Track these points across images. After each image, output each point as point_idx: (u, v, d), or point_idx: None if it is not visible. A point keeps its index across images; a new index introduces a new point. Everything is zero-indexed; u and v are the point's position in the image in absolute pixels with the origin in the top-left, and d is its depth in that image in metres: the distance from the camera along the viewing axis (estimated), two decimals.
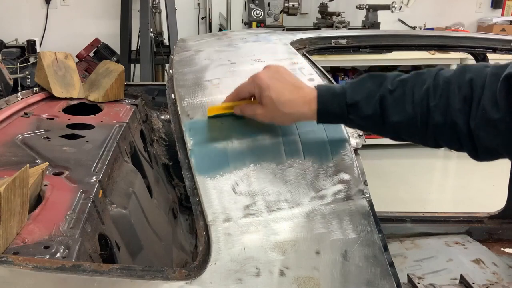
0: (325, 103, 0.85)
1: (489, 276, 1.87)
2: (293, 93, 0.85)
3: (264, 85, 0.85)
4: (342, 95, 0.84)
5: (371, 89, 0.84)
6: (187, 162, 0.89)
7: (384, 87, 0.83)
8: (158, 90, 1.93)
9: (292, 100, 0.84)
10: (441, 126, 0.79)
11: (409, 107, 0.81)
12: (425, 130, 0.81)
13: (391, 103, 0.82)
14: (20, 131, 1.32)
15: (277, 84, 0.85)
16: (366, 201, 0.84)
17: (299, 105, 0.85)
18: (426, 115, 0.80)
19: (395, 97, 0.82)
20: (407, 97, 0.81)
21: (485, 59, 2.01)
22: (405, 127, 0.83)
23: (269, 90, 0.84)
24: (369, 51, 1.66)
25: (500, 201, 2.24)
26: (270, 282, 0.73)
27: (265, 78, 0.85)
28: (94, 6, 4.59)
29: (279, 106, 0.84)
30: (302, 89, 0.86)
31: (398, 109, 0.81)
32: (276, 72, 0.87)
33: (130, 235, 1.16)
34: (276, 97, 0.84)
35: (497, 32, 4.66)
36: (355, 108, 0.84)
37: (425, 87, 0.81)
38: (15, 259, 0.73)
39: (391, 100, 0.82)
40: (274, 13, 4.31)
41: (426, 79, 0.82)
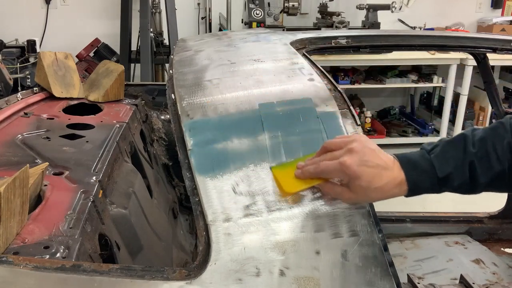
0: (416, 182, 0.84)
1: (489, 276, 1.87)
2: (383, 179, 0.81)
3: (354, 174, 0.80)
4: (431, 171, 0.84)
5: (458, 157, 0.84)
6: (187, 162, 0.89)
7: (469, 152, 0.84)
8: (158, 90, 1.93)
9: (383, 186, 0.81)
10: None
11: (495, 164, 0.83)
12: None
13: (479, 166, 0.84)
14: (20, 131, 1.32)
15: (367, 171, 0.80)
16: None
17: (390, 189, 0.82)
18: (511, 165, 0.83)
19: (480, 158, 0.84)
20: (491, 155, 0.83)
21: (485, 59, 2.01)
22: (495, 183, 0.85)
23: (360, 180, 0.80)
24: (369, 51, 1.66)
25: (500, 201, 2.24)
26: (270, 282, 0.73)
27: (353, 166, 0.80)
28: (94, 6, 4.59)
29: (370, 194, 0.81)
30: (391, 171, 0.83)
31: (485, 169, 0.83)
32: (363, 156, 0.81)
33: (130, 235, 1.16)
34: (367, 186, 0.80)
35: (497, 32, 4.65)
36: (447, 180, 0.84)
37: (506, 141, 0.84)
38: (15, 259, 0.73)
39: (478, 163, 0.84)
40: (274, 13, 4.31)
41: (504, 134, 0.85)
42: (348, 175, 0.80)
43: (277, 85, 1.08)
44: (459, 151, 0.85)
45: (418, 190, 0.85)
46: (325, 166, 0.82)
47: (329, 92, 1.05)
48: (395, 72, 4.61)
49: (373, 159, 0.82)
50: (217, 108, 0.99)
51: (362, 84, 4.46)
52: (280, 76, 1.12)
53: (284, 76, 1.12)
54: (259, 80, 1.10)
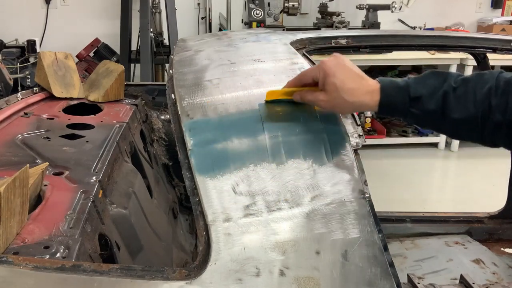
0: (388, 95, 0.87)
1: (489, 276, 1.87)
2: (357, 82, 0.87)
3: (329, 71, 0.86)
4: (405, 89, 0.86)
5: (435, 85, 0.86)
6: (187, 162, 0.89)
7: (448, 84, 0.85)
8: (158, 90, 1.93)
9: (356, 88, 0.86)
10: (499, 124, 0.82)
11: (471, 105, 0.83)
12: (483, 128, 0.83)
13: (454, 100, 0.84)
14: (20, 131, 1.32)
15: (342, 71, 0.86)
16: (366, 201, 0.84)
17: (362, 94, 0.86)
18: (486, 114, 0.82)
19: (457, 94, 0.84)
20: (469, 95, 0.83)
21: (485, 59, 2.01)
22: (465, 125, 0.84)
23: (334, 77, 0.86)
24: (369, 51, 1.66)
25: (500, 201, 2.24)
26: (270, 282, 0.73)
27: (331, 64, 0.87)
28: (94, 6, 4.59)
29: (342, 93, 0.86)
30: (366, 80, 0.88)
31: (460, 106, 0.83)
32: (342, 60, 0.89)
33: (130, 235, 1.16)
34: (340, 84, 0.85)
35: (497, 32, 4.65)
36: (418, 102, 0.85)
37: (488, 86, 0.83)
38: (15, 259, 0.73)
39: (453, 97, 0.84)
40: (274, 13, 4.31)
41: (488, 80, 0.84)
42: (324, 71, 0.87)
43: (277, 85, 1.08)
44: (438, 81, 0.86)
45: (389, 106, 0.87)
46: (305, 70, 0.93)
47: None
48: (395, 72, 4.61)
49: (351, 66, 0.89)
50: (217, 108, 0.99)
51: None
52: (280, 76, 1.12)
53: (284, 76, 1.12)
54: (259, 80, 1.10)
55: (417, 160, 4.39)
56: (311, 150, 0.90)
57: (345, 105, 0.87)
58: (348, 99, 0.86)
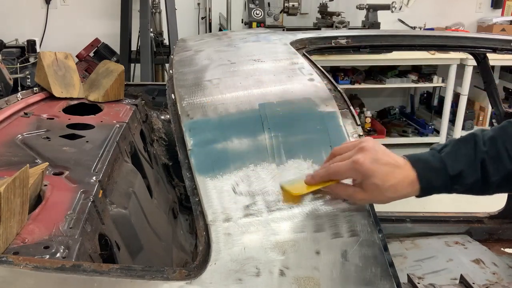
0: (428, 181, 0.83)
1: (489, 276, 1.87)
2: (396, 176, 0.81)
3: (367, 172, 0.79)
4: (443, 169, 0.83)
5: (468, 155, 0.84)
6: (187, 162, 0.89)
7: (480, 150, 0.84)
8: (158, 90, 1.93)
9: (397, 184, 0.81)
10: None
11: (507, 163, 0.83)
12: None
13: (491, 165, 0.83)
14: (20, 131, 1.32)
15: (380, 169, 0.80)
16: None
17: (403, 188, 0.82)
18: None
19: (492, 157, 0.84)
20: (502, 154, 0.83)
21: (485, 59, 2.01)
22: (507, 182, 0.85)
23: (374, 178, 0.79)
24: (369, 51, 1.66)
25: (500, 201, 2.24)
26: (270, 282, 0.73)
27: (367, 163, 0.79)
28: (94, 6, 4.59)
29: (384, 192, 0.81)
30: (403, 169, 0.83)
31: (497, 168, 0.83)
32: (375, 154, 0.81)
33: (130, 235, 1.16)
34: (382, 183, 0.80)
35: (497, 32, 4.66)
36: (459, 178, 0.84)
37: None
38: (15, 259, 0.73)
39: (489, 162, 0.83)
40: (274, 13, 4.31)
41: None
42: (362, 173, 0.80)
43: (277, 85, 1.08)
44: (470, 149, 0.85)
45: (430, 189, 0.84)
46: (337, 166, 0.81)
47: (329, 92, 1.05)
48: (395, 72, 4.61)
49: (385, 157, 0.81)
50: (217, 108, 0.99)
51: (362, 84, 4.46)
52: (280, 76, 1.12)
53: (284, 76, 1.12)
54: (259, 80, 1.10)
55: None
56: (311, 150, 0.90)
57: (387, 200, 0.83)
58: (390, 196, 0.82)
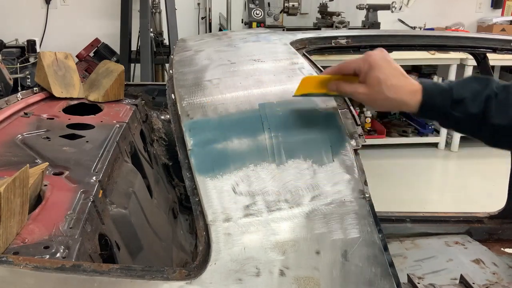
0: (431, 96, 0.85)
1: (489, 276, 1.87)
2: (400, 80, 0.84)
3: (375, 64, 0.83)
4: (448, 91, 0.85)
5: (477, 89, 0.85)
6: (187, 162, 0.89)
7: (490, 89, 0.84)
8: (158, 90, 1.93)
9: (399, 86, 0.84)
10: None
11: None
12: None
13: (496, 105, 0.83)
14: (20, 131, 1.32)
15: (388, 66, 0.84)
16: (366, 201, 0.84)
17: (405, 93, 0.84)
18: None
19: (499, 100, 0.83)
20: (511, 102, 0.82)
21: (485, 59, 2.01)
22: (505, 131, 0.83)
23: (379, 71, 0.83)
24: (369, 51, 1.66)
25: (500, 201, 2.24)
26: (270, 282, 0.73)
27: (377, 58, 0.84)
28: (94, 6, 4.59)
29: (384, 89, 0.83)
30: (409, 79, 0.86)
31: (502, 112, 0.82)
32: (388, 56, 0.86)
33: (130, 235, 1.16)
34: (384, 79, 0.83)
35: (497, 32, 4.65)
36: (460, 105, 0.84)
37: None
38: (15, 259, 0.73)
39: (495, 102, 0.83)
40: (274, 13, 4.31)
41: None
42: (369, 63, 0.84)
43: (277, 85, 1.08)
44: (481, 85, 0.85)
45: (430, 108, 0.85)
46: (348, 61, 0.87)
47: None
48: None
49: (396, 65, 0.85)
50: (217, 108, 0.99)
51: None
52: (280, 76, 1.12)
53: (284, 76, 1.12)
54: (259, 80, 1.10)
55: (417, 160, 4.39)
56: (311, 150, 0.90)
57: (385, 101, 0.85)
58: (390, 96, 0.84)
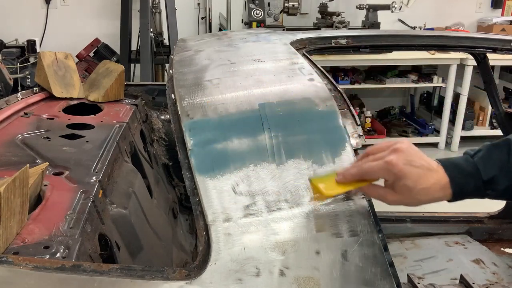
0: (461, 185, 0.83)
1: (489, 276, 1.87)
2: (429, 180, 0.81)
3: (400, 173, 0.79)
4: (476, 174, 0.83)
5: (502, 160, 0.83)
6: (187, 162, 0.89)
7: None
8: (158, 90, 1.93)
9: (429, 188, 0.81)
10: None
11: None
12: None
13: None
14: (20, 131, 1.32)
15: (413, 171, 0.80)
16: (366, 201, 0.84)
17: (435, 191, 0.82)
18: None
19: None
20: None
21: (485, 59, 2.01)
22: None
23: (406, 179, 0.79)
24: (369, 51, 1.66)
25: (500, 201, 2.24)
26: (270, 282, 0.73)
27: (400, 164, 0.80)
28: (94, 6, 4.59)
29: (415, 195, 0.81)
30: (436, 172, 0.82)
31: None
32: (409, 155, 0.81)
33: (130, 235, 1.16)
34: (414, 186, 0.80)
35: (497, 32, 4.65)
36: (492, 184, 0.83)
37: None
38: (15, 259, 0.73)
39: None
40: (274, 13, 4.31)
41: None
42: (394, 174, 0.80)
43: (277, 85, 1.08)
44: (503, 154, 0.83)
45: (462, 194, 0.83)
46: (369, 166, 0.81)
47: (329, 92, 1.05)
48: (395, 72, 4.61)
49: (419, 159, 0.81)
50: (217, 108, 0.99)
51: (362, 84, 4.46)
52: (280, 76, 1.12)
53: (284, 76, 1.12)
54: (259, 80, 1.10)
55: None
56: (311, 150, 0.90)
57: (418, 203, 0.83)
58: (422, 199, 0.82)
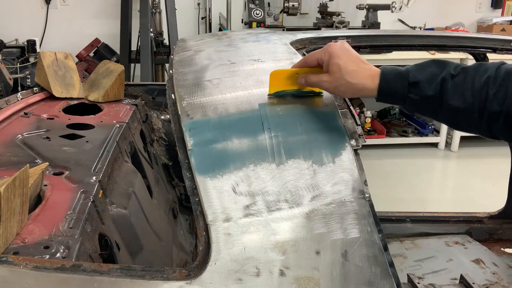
0: (388, 79, 0.90)
1: (489, 276, 1.88)
2: (359, 65, 0.91)
3: (334, 53, 0.91)
4: (405, 74, 0.89)
5: (434, 72, 0.88)
6: (187, 162, 0.89)
7: (447, 71, 0.87)
8: (158, 90, 1.93)
9: (358, 71, 0.90)
10: (497, 114, 0.82)
11: (468, 94, 0.84)
12: (481, 118, 0.84)
13: (452, 87, 0.85)
14: (20, 131, 1.32)
15: (346, 54, 0.91)
16: (366, 201, 0.84)
17: (364, 77, 0.90)
18: (483, 103, 0.83)
19: (456, 82, 0.85)
20: (468, 84, 0.84)
21: (485, 59, 2.01)
22: (462, 113, 0.85)
23: (339, 58, 0.90)
24: (369, 51, 1.66)
25: (500, 201, 2.24)
26: (270, 282, 0.73)
27: (336, 47, 0.92)
28: (94, 6, 4.59)
29: (344, 75, 0.90)
30: (368, 65, 0.93)
31: (457, 94, 0.85)
32: (347, 45, 0.94)
33: (130, 235, 1.16)
34: (344, 65, 0.90)
35: (497, 32, 4.65)
36: (416, 87, 0.88)
37: (486, 76, 0.84)
38: (15, 259, 0.73)
39: (452, 84, 0.85)
40: (274, 13, 4.31)
41: (488, 69, 0.85)
42: (329, 52, 0.92)
43: None
44: (438, 68, 0.89)
45: (388, 90, 0.90)
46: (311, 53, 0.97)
47: None
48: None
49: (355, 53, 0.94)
50: (217, 108, 0.99)
51: None
52: None
53: None
54: (259, 80, 1.10)
55: (417, 160, 4.39)
56: (311, 150, 0.90)
57: (347, 86, 0.91)
58: (350, 81, 0.90)
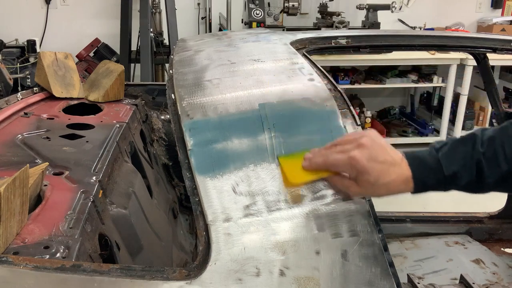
0: (423, 180, 0.84)
1: (489, 276, 1.88)
2: (390, 175, 0.82)
3: (362, 169, 0.81)
4: (438, 169, 0.84)
5: (465, 156, 0.84)
6: (187, 162, 0.89)
7: (477, 151, 0.83)
8: (158, 90, 1.93)
9: (391, 182, 0.82)
10: None
11: (503, 164, 0.82)
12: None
13: (486, 166, 0.82)
14: (20, 131, 1.32)
15: (375, 167, 0.81)
16: (366, 201, 0.84)
17: (397, 186, 0.83)
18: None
19: (488, 158, 0.83)
20: (499, 155, 0.82)
21: (485, 59, 2.01)
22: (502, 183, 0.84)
23: (368, 175, 0.81)
24: (369, 51, 1.66)
25: (500, 201, 2.24)
26: (270, 282, 0.73)
27: (363, 160, 0.81)
28: (94, 6, 4.59)
29: (377, 189, 0.83)
30: (398, 167, 0.83)
31: (493, 169, 0.82)
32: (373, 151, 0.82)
33: (130, 235, 1.16)
34: (375, 181, 0.81)
35: (497, 32, 4.65)
36: (454, 179, 0.84)
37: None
38: (15, 259, 0.73)
39: (485, 163, 0.82)
40: (274, 13, 4.30)
41: None
42: (357, 170, 0.81)
43: (277, 85, 1.08)
44: (467, 150, 0.84)
45: (424, 187, 0.85)
46: (334, 159, 0.83)
47: (329, 92, 1.05)
48: (395, 72, 4.61)
49: (382, 154, 0.83)
50: (217, 108, 0.99)
51: (362, 84, 4.46)
52: (280, 76, 1.12)
53: (284, 76, 1.12)
54: (259, 80, 1.10)
55: None
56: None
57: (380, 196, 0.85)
58: (384, 193, 0.84)
